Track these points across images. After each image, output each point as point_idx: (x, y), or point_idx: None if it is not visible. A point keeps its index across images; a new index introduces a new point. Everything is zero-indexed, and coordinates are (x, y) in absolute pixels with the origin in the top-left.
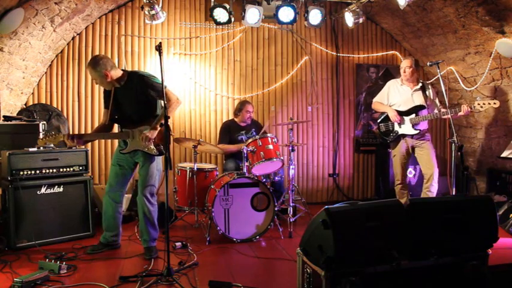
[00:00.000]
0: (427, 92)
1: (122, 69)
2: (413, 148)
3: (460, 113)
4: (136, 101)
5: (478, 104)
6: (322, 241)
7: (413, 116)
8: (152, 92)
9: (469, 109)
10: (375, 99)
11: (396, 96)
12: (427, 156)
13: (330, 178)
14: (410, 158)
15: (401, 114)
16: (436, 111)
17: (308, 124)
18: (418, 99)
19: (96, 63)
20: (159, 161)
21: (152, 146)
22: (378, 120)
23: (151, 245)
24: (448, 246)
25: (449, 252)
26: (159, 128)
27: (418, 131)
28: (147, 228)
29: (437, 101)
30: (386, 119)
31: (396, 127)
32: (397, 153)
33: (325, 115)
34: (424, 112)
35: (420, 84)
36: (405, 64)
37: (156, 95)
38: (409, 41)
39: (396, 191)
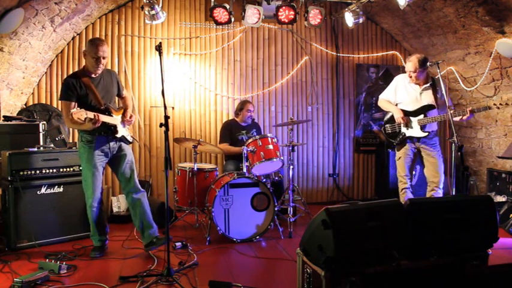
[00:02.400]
0: (438, 91)
1: None
2: (419, 151)
3: (464, 117)
4: (112, 92)
5: (495, 105)
6: (322, 241)
7: (421, 116)
8: (120, 86)
9: (469, 114)
10: (381, 96)
11: (403, 94)
12: (434, 166)
13: (329, 178)
14: (417, 160)
15: (408, 114)
16: (445, 112)
17: (308, 124)
18: (427, 99)
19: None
20: None
21: (129, 133)
22: (384, 120)
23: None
24: (448, 246)
25: (449, 252)
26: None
27: (427, 133)
28: (151, 219)
29: (449, 100)
30: (393, 119)
31: (403, 129)
32: (402, 156)
33: (325, 115)
34: (434, 113)
35: (430, 82)
36: (409, 68)
37: (122, 89)
38: (409, 41)
39: (402, 197)
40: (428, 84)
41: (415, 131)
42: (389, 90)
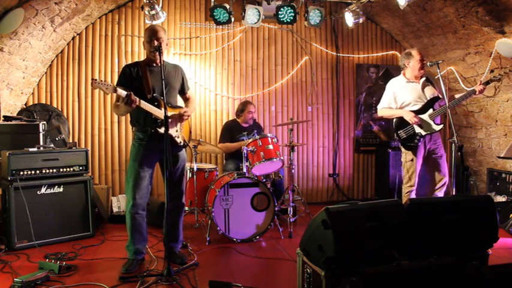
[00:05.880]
0: (435, 85)
1: None
2: (429, 152)
3: (477, 91)
4: (172, 85)
5: (495, 77)
6: (322, 241)
7: (430, 111)
8: (185, 84)
9: (483, 86)
10: (380, 106)
11: (405, 95)
12: (441, 167)
13: (330, 178)
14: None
15: (418, 113)
16: (447, 100)
17: (308, 124)
18: (430, 92)
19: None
20: None
21: (180, 135)
22: (394, 127)
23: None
24: (448, 246)
25: (449, 252)
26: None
27: (442, 125)
28: (179, 233)
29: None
30: (403, 123)
31: (417, 129)
32: (415, 158)
33: (325, 115)
34: (441, 103)
35: (426, 77)
36: (417, 57)
37: (186, 88)
38: (409, 41)
39: (407, 197)
40: (425, 79)
41: (430, 127)
42: (388, 97)
